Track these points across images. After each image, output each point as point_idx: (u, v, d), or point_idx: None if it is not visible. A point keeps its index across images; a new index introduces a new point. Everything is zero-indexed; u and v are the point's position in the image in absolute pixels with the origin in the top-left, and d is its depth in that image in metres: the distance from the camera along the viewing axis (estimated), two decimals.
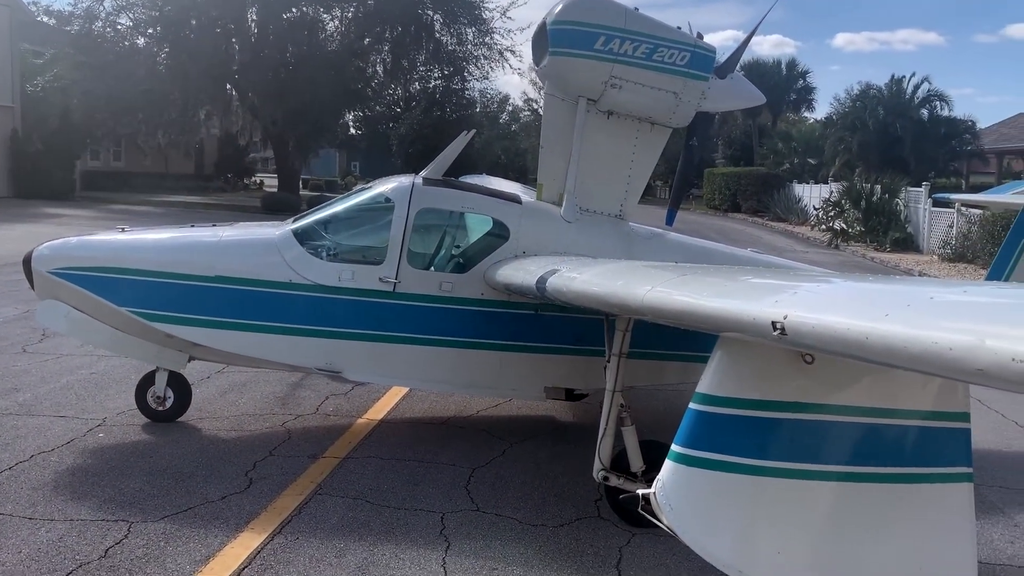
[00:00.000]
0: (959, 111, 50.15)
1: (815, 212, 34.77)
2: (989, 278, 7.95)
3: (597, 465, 5.26)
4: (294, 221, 6.86)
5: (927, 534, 3.39)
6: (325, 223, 6.87)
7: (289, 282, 6.39)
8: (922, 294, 2.49)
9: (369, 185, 7.20)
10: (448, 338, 6.55)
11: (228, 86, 37.45)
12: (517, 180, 13.62)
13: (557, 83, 6.93)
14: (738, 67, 7.61)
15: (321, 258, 6.54)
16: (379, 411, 7.73)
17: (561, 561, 4.93)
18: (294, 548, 4.91)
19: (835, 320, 2.35)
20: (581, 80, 6.70)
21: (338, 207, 7.01)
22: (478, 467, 6.40)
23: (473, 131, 7.78)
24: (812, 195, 38.38)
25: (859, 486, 3.33)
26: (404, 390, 8.24)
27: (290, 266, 6.41)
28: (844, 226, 29.49)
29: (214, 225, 7.06)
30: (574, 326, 6.47)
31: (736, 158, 57.38)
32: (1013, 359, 1.81)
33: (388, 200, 6.64)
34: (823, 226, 31.85)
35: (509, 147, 58.42)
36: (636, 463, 5.20)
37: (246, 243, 6.65)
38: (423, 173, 6.92)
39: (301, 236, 6.62)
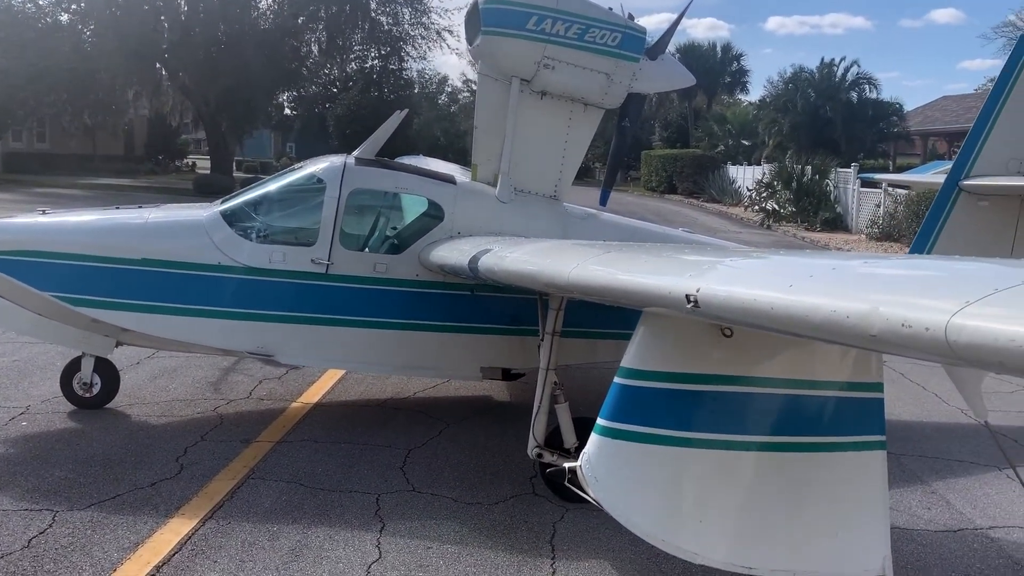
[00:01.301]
0: (886, 94, 51.64)
1: (749, 193, 35.41)
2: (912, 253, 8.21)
3: (531, 443, 5.31)
4: (223, 202, 6.73)
5: (842, 500, 3.52)
6: (255, 204, 6.75)
7: (218, 264, 6.28)
8: (824, 266, 2.58)
9: (300, 165, 7.09)
10: (383, 320, 6.52)
11: (157, 65, 36.41)
12: (457, 162, 13.56)
13: (490, 63, 6.91)
14: (674, 50, 7.72)
15: (251, 240, 6.44)
16: (314, 394, 7.66)
17: (496, 538, 4.98)
18: (226, 533, 4.86)
19: (743, 292, 2.41)
20: (514, 60, 6.69)
21: (268, 188, 6.89)
22: (414, 448, 6.40)
23: (406, 110, 7.72)
24: (746, 177, 39.07)
25: (778, 455, 3.43)
26: (340, 373, 8.19)
27: (219, 248, 6.29)
28: (776, 207, 30.10)
29: (140, 207, 6.89)
30: (510, 306, 6.50)
31: (673, 140, 58.02)
32: (903, 324, 1.89)
33: (320, 180, 6.56)
34: (756, 207, 32.46)
35: (449, 128, 58.07)
36: (570, 440, 5.26)
37: (173, 225, 6.51)
38: (355, 153, 6.85)
39: (230, 217, 6.50)
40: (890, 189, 23.91)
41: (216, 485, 5.53)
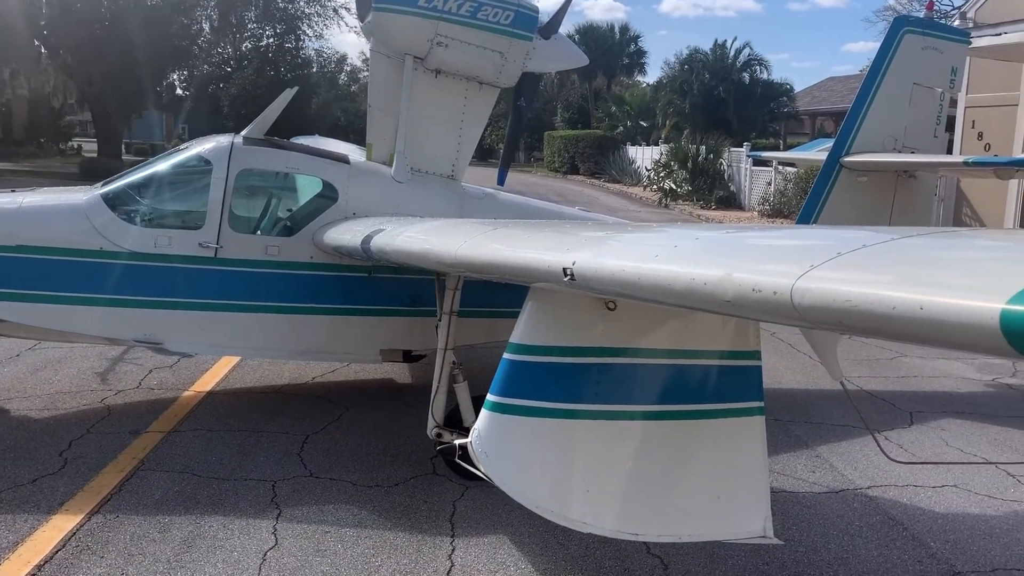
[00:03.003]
0: (776, 75, 53.25)
1: (647, 173, 36.09)
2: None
3: (431, 423, 5.30)
4: (103, 185, 6.44)
5: (724, 466, 3.65)
6: (138, 187, 6.48)
7: (100, 250, 6.02)
8: (688, 236, 2.66)
9: (185, 146, 6.84)
10: (277, 304, 6.37)
11: (36, 42, 34.45)
12: (358, 143, 13.30)
13: (382, 40, 6.81)
14: (573, 31, 7.78)
15: (135, 224, 6.18)
16: (208, 382, 7.46)
17: (395, 519, 4.96)
18: (114, 527, 4.69)
19: (613, 263, 2.46)
20: (406, 37, 6.61)
21: (152, 169, 6.62)
22: (312, 433, 6.31)
23: (296, 88, 7.52)
24: (645, 157, 39.79)
25: (661, 424, 3.53)
26: (235, 360, 7.99)
27: (100, 233, 6.03)
28: (673, 186, 30.78)
29: (13, 191, 6.52)
30: (408, 287, 6.45)
31: (574, 121, 58.54)
32: (753, 289, 1.97)
33: (206, 161, 6.34)
34: (655, 186, 33.12)
35: (350, 108, 56.96)
36: (469, 419, 5.26)
37: (50, 209, 6.20)
38: (244, 132, 6.66)
39: (112, 201, 6.23)
40: (780, 167, 24.75)
41: (103, 479, 5.33)
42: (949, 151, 16.52)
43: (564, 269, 2.63)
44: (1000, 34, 15.37)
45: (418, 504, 5.18)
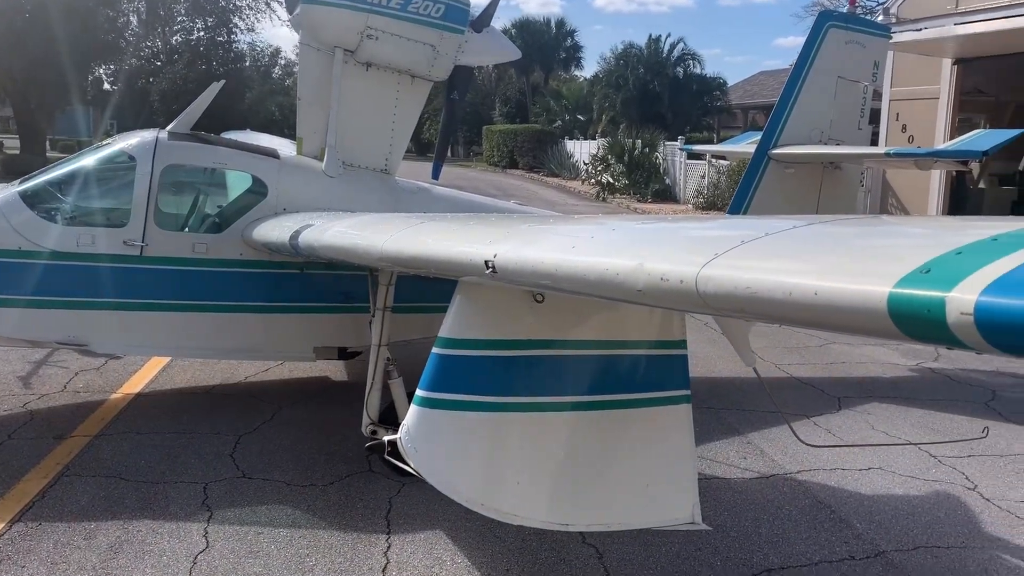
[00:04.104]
0: (709, 70, 54.07)
1: (585, 167, 36.31)
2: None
3: (365, 420, 5.26)
4: (21, 183, 6.22)
5: (652, 454, 3.70)
6: (59, 184, 6.28)
7: (18, 249, 5.81)
8: (605, 228, 2.68)
9: (108, 141, 6.65)
10: (206, 302, 6.24)
11: None
12: (293, 137, 13.07)
13: (311, 33, 6.71)
14: (509, 25, 7.77)
15: (55, 222, 5.99)
16: (136, 384, 7.27)
17: (330, 518, 4.91)
18: (36, 535, 4.54)
19: (532, 255, 2.48)
20: (335, 30, 6.53)
21: (74, 166, 6.42)
22: (245, 434, 6.20)
23: (223, 81, 7.37)
24: (583, 151, 40.00)
25: (590, 414, 3.56)
26: (165, 360, 7.81)
27: (18, 232, 5.82)
28: (611, 180, 31.02)
29: None
30: (341, 283, 6.38)
31: (512, 115, 58.59)
32: (662, 278, 2.00)
33: (130, 157, 6.17)
34: (592, 180, 33.35)
35: (284, 103, 55.98)
36: (404, 415, 5.23)
37: None
38: (169, 127, 6.50)
39: (30, 198, 6.02)
40: (713, 160, 25.15)
41: (25, 485, 5.16)
42: (875, 143, 17.01)
43: (486, 262, 2.63)
44: (920, 29, 15.87)
45: (354, 502, 5.14)
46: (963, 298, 1.53)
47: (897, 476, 5.84)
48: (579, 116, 47.07)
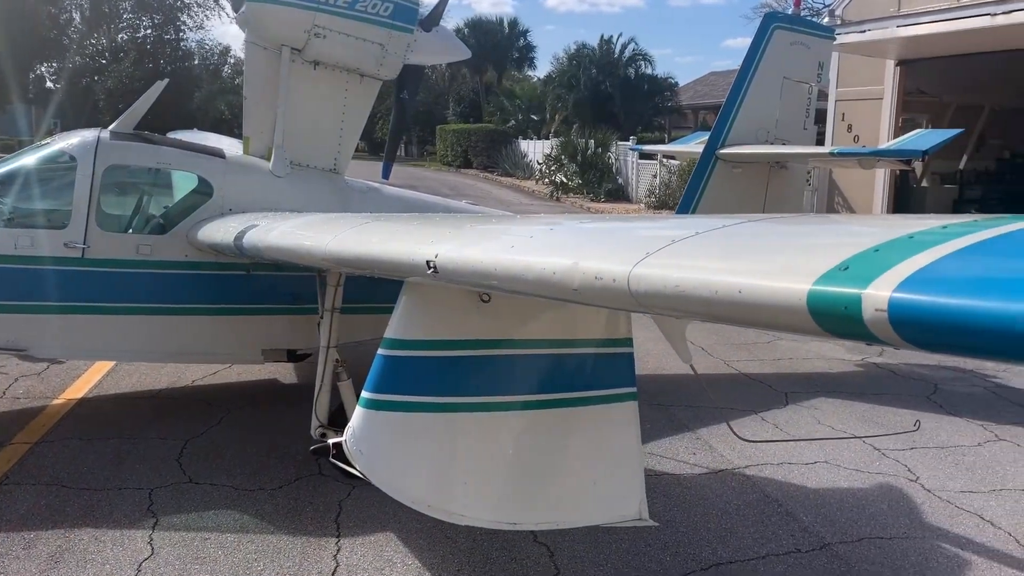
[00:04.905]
0: (660, 70, 54.49)
1: (539, 167, 36.38)
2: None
3: (314, 422, 5.20)
4: None
5: (599, 451, 3.72)
6: None
7: None
8: (544, 228, 2.70)
9: (47, 141, 6.49)
10: (151, 304, 6.12)
11: None
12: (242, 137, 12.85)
13: (257, 31, 6.62)
14: (462, 24, 7.75)
15: None
16: (79, 389, 7.12)
17: (279, 522, 4.85)
18: None
19: (472, 255, 2.48)
20: (281, 28, 6.44)
21: (11, 166, 6.24)
22: (192, 438, 6.10)
23: (167, 80, 7.24)
24: (536, 151, 40.04)
25: (537, 413, 3.57)
26: (109, 364, 7.64)
27: None
28: (564, 179, 31.14)
29: None
30: (289, 284, 6.31)
31: (466, 115, 58.40)
32: (596, 277, 2.02)
33: (70, 158, 6.02)
34: (546, 180, 33.43)
35: (234, 102, 55.06)
36: None
37: None
38: (111, 127, 6.36)
39: None
40: (665, 160, 25.39)
41: None
42: (821, 143, 17.32)
43: (427, 262, 2.63)
44: (864, 31, 16.19)
45: (303, 506, 5.08)
46: (877, 295, 1.56)
47: (843, 469, 5.95)
48: (533, 116, 47.11)
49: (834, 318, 1.61)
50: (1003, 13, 13.74)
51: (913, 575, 4.51)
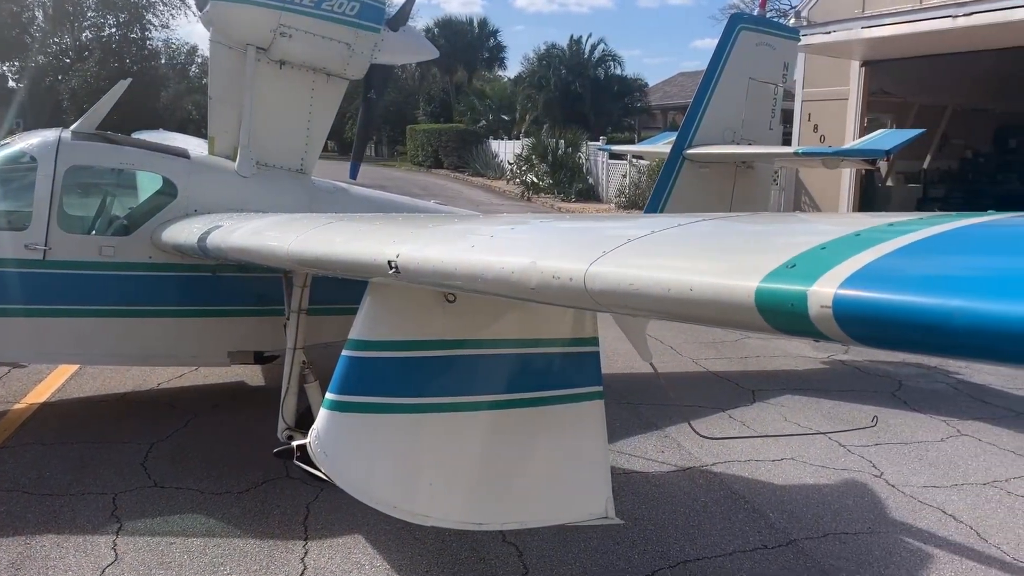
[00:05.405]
0: (629, 71, 54.77)
1: (510, 167, 36.38)
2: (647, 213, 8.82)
3: (281, 425, 5.15)
4: None
5: (565, 450, 3.73)
6: None
7: None
8: (505, 227, 2.70)
9: (7, 142, 6.37)
10: (115, 307, 6.04)
11: None
12: None
13: (222, 30, 6.55)
14: (432, 24, 7.72)
15: None
16: (42, 393, 7.00)
17: (246, 525, 4.81)
18: None
19: (433, 255, 2.48)
20: (247, 27, 6.38)
21: None
22: (158, 441, 6.03)
23: (130, 80, 7.13)
24: (507, 151, 40.01)
25: (504, 413, 3.57)
26: (73, 368, 7.53)
27: None
28: (535, 179, 31.17)
29: None
30: (256, 285, 6.25)
31: (436, 115, 58.23)
32: (553, 276, 2.03)
33: (31, 158, 5.92)
34: (517, 180, 33.44)
35: (202, 101, 54.50)
36: None
37: None
38: (73, 127, 6.27)
39: None
40: (634, 160, 25.51)
41: None
42: (788, 143, 17.51)
43: (389, 262, 2.62)
44: (829, 32, 16.39)
45: (270, 509, 5.04)
46: (822, 291, 1.59)
47: (809, 466, 6.02)
48: (503, 116, 47.07)
49: (781, 315, 1.63)
50: (964, 15, 13.98)
51: (877, 570, 4.57)
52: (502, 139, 43.55)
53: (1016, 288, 1.38)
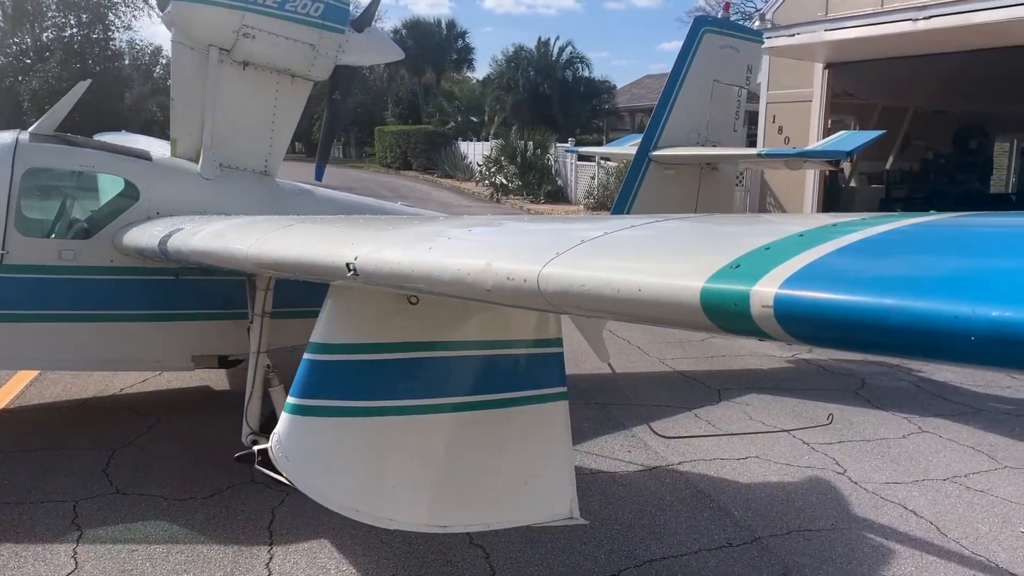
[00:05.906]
0: (597, 73, 54.81)
1: (479, 168, 36.37)
2: (613, 213, 8.87)
3: (245, 429, 5.09)
4: None
5: (530, 452, 3.73)
6: None
7: None
8: (463, 229, 2.71)
9: None
10: (75, 311, 5.94)
11: None
12: None
13: (184, 31, 6.48)
14: (400, 25, 7.70)
15: None
16: (1, 399, 6.88)
17: (210, 531, 4.76)
18: None
19: (391, 257, 2.48)
20: (209, 28, 6.32)
21: None
22: (120, 448, 5.95)
23: (88, 81, 7.03)
24: (476, 152, 39.97)
25: (467, 415, 3.56)
26: (33, 374, 7.41)
27: None
28: (504, 181, 31.20)
29: None
30: (219, 288, 6.18)
31: (405, 116, 58.04)
32: (508, 278, 2.04)
33: None
34: (486, 182, 33.44)
35: (166, 103, 53.81)
36: None
37: None
38: (31, 129, 6.16)
39: None
40: (602, 162, 25.63)
41: None
42: (753, 144, 17.66)
43: (347, 264, 2.61)
44: (793, 35, 16.57)
45: (235, 514, 4.99)
46: (764, 291, 1.61)
47: (773, 464, 6.08)
48: (472, 117, 47.02)
49: (725, 315, 1.65)
50: (924, 19, 14.21)
51: (840, 565, 4.63)
52: (471, 140, 43.49)
53: (949, 286, 1.40)
